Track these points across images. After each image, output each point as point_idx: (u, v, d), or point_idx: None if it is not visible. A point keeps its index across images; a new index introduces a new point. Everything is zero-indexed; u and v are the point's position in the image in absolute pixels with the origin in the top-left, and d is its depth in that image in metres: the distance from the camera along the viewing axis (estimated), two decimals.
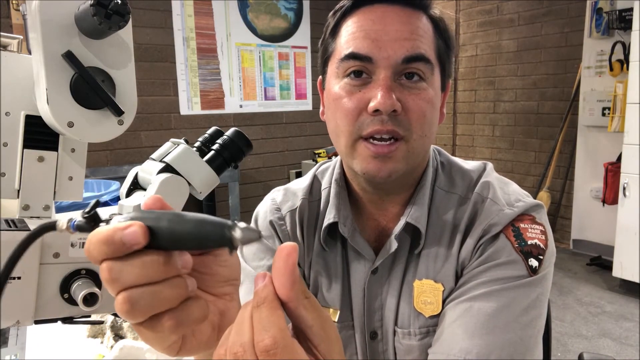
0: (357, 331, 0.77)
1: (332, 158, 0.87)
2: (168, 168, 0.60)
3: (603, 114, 3.77)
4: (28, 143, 0.56)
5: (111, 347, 0.99)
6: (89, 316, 0.53)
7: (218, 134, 0.67)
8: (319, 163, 0.89)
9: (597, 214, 3.93)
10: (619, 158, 3.35)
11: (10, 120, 0.56)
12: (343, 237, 0.77)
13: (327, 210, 0.78)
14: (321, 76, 0.77)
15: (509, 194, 0.73)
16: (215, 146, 0.65)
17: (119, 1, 0.45)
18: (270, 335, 0.31)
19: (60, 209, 1.88)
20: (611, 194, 3.46)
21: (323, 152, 4.46)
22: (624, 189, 3.16)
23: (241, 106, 4.15)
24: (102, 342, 1.04)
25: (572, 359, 2.54)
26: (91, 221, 0.36)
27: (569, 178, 4.21)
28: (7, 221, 0.49)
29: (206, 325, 0.41)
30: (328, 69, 0.73)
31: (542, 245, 0.68)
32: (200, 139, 0.66)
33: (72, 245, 0.50)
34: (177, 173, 0.60)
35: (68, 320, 0.51)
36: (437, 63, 0.70)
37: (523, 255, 0.66)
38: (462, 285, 0.68)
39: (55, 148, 0.58)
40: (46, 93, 0.48)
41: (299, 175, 4.34)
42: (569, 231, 4.23)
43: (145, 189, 0.62)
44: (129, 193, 0.63)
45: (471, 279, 0.67)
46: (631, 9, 3.38)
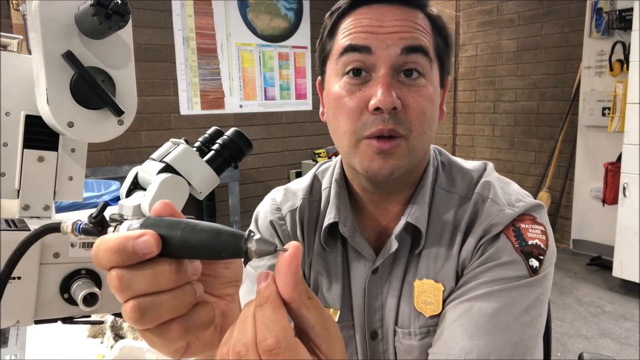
0: (358, 331, 0.77)
1: (332, 158, 0.87)
2: (168, 168, 0.60)
3: (603, 114, 3.77)
4: (28, 143, 0.56)
5: (111, 347, 0.98)
6: (89, 316, 0.52)
7: (218, 134, 0.67)
8: (319, 163, 0.89)
9: (597, 214, 3.93)
10: (619, 158, 3.35)
11: (10, 120, 0.56)
12: (343, 237, 0.77)
13: (328, 210, 0.78)
14: (320, 77, 0.77)
15: (510, 194, 0.73)
16: (215, 146, 0.65)
17: (119, 1, 0.45)
18: (273, 334, 0.31)
19: (60, 209, 1.88)
20: (611, 194, 3.46)
21: (323, 152, 4.46)
22: (624, 189, 3.16)
23: (241, 106, 4.14)
24: (102, 342, 1.04)
25: (572, 359, 2.54)
26: (99, 225, 0.35)
27: (569, 178, 4.21)
28: (7, 221, 0.49)
29: None
30: (327, 69, 0.74)
31: (543, 245, 0.68)
32: (200, 139, 0.66)
33: (72, 245, 0.50)
34: (177, 173, 0.60)
35: (68, 320, 0.51)
36: (436, 59, 0.70)
37: (524, 255, 0.66)
38: (463, 285, 0.68)
39: (55, 148, 0.58)
40: (46, 93, 0.48)
41: (299, 175, 4.34)
42: (569, 231, 4.23)
43: (145, 189, 0.62)
44: (129, 193, 0.63)
45: (472, 279, 0.67)
46: (631, 9, 3.38)
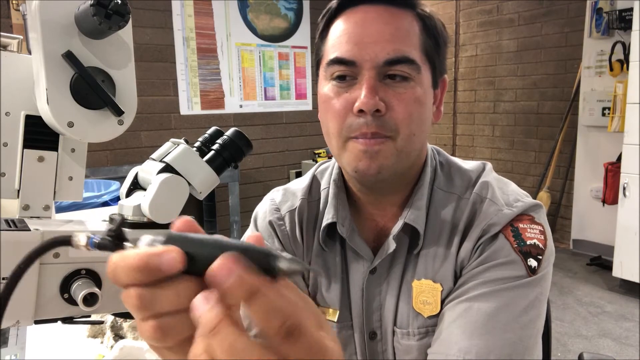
0: (356, 331, 0.77)
1: (332, 158, 0.87)
2: (168, 168, 0.60)
3: (603, 114, 3.78)
4: (28, 143, 0.56)
5: (111, 347, 0.99)
6: (89, 316, 0.52)
7: (218, 134, 0.67)
8: (319, 163, 0.89)
9: (597, 214, 3.93)
10: (619, 158, 3.35)
11: (10, 120, 0.56)
12: (342, 237, 0.77)
13: (326, 210, 0.78)
14: (317, 77, 0.78)
15: (508, 194, 0.73)
16: (215, 146, 0.65)
17: (119, 1, 0.45)
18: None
19: (60, 209, 1.88)
20: (611, 194, 3.46)
21: (323, 152, 4.46)
22: (624, 189, 3.16)
23: (241, 106, 4.14)
24: (102, 342, 1.04)
25: (572, 359, 2.54)
26: (117, 240, 0.33)
27: (569, 178, 4.21)
28: (7, 221, 0.49)
29: None
30: (320, 72, 0.75)
31: (541, 245, 0.68)
32: (200, 139, 0.66)
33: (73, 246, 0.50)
34: (177, 173, 0.60)
35: (68, 320, 0.51)
36: (425, 61, 0.70)
37: (522, 255, 0.66)
38: (461, 285, 0.68)
39: (55, 148, 0.58)
40: (46, 93, 0.48)
41: (299, 175, 4.34)
42: (569, 231, 4.23)
43: (145, 189, 0.62)
44: (129, 193, 0.63)
45: (470, 279, 0.67)
46: (631, 9, 3.38)
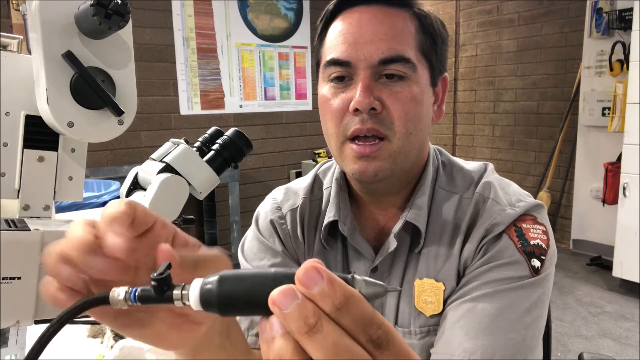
0: None
1: (332, 158, 0.87)
2: (168, 168, 0.60)
3: (603, 114, 3.77)
4: (28, 143, 0.56)
5: (111, 347, 0.98)
6: (89, 316, 0.52)
7: (218, 134, 0.67)
8: (321, 162, 0.89)
9: (597, 214, 3.93)
10: (619, 158, 3.35)
11: (10, 120, 0.56)
12: (344, 236, 0.77)
13: (328, 209, 0.78)
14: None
15: (510, 194, 0.73)
16: (215, 146, 0.65)
17: (119, 1, 0.45)
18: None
19: (60, 209, 1.88)
20: (611, 194, 3.46)
21: (323, 152, 4.46)
22: (624, 189, 3.16)
23: (241, 106, 4.14)
24: (102, 342, 1.04)
25: (572, 359, 2.54)
26: (163, 285, 0.29)
27: (569, 178, 4.21)
28: (7, 221, 0.49)
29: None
30: (319, 74, 0.75)
31: (544, 245, 0.68)
32: (200, 139, 0.66)
33: None
34: (177, 173, 0.60)
35: None
36: (422, 59, 0.70)
37: (526, 255, 0.66)
38: (465, 285, 0.68)
39: (55, 148, 0.58)
40: (46, 93, 0.48)
41: (299, 175, 4.34)
42: (569, 231, 4.23)
43: (145, 189, 0.62)
44: (129, 193, 0.63)
45: (474, 279, 0.67)
46: (631, 9, 3.38)
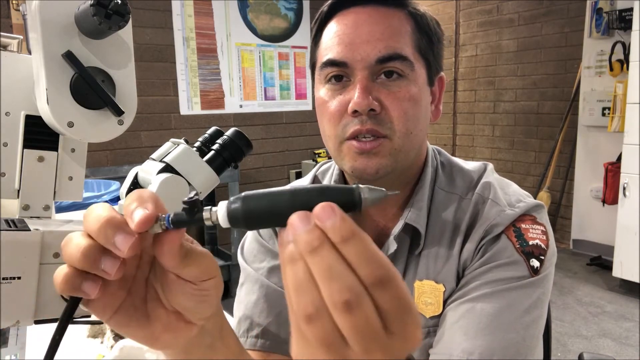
0: None
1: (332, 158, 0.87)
2: (168, 168, 0.60)
3: (603, 114, 3.78)
4: (28, 143, 0.56)
5: (111, 347, 0.98)
6: (89, 316, 0.52)
7: (218, 134, 0.67)
8: (320, 163, 0.89)
9: (597, 214, 3.93)
10: (619, 158, 3.35)
11: (10, 120, 0.56)
12: None
13: None
14: (312, 82, 0.78)
15: (510, 195, 0.73)
16: (215, 146, 0.65)
17: (119, 1, 0.45)
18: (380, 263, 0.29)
19: (60, 209, 1.88)
20: (611, 194, 3.46)
21: (323, 152, 4.45)
22: (624, 189, 3.16)
23: (241, 106, 4.14)
24: (102, 342, 1.04)
25: (572, 359, 2.54)
26: (193, 210, 0.33)
27: (569, 178, 4.21)
28: (7, 221, 0.49)
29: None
30: (315, 76, 0.75)
31: (544, 245, 0.68)
32: (200, 139, 0.66)
33: None
34: (177, 173, 0.60)
35: None
36: (419, 58, 0.70)
37: (525, 255, 0.66)
38: (464, 285, 0.68)
39: (55, 148, 0.58)
40: (46, 93, 0.48)
41: (299, 175, 4.34)
42: (569, 231, 4.23)
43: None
44: (129, 193, 0.63)
45: (473, 280, 0.67)
46: (631, 9, 3.38)
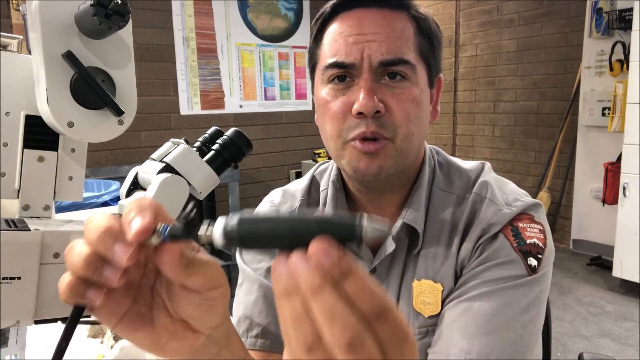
0: None
1: (332, 159, 0.87)
2: (168, 168, 0.60)
3: (603, 114, 3.77)
4: (28, 143, 0.56)
5: (111, 347, 0.99)
6: (89, 316, 0.52)
7: (218, 134, 0.67)
8: (318, 164, 0.89)
9: (597, 214, 3.93)
10: (619, 158, 3.35)
11: (10, 120, 0.56)
12: None
13: (325, 211, 0.78)
14: (311, 82, 0.78)
15: (507, 194, 0.73)
16: (215, 146, 0.65)
17: (119, 1, 0.45)
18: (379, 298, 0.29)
19: (60, 209, 1.88)
20: (611, 194, 3.46)
21: (323, 152, 4.46)
22: (624, 189, 3.16)
23: (241, 106, 4.14)
24: (102, 342, 1.04)
25: (572, 359, 2.54)
26: (190, 227, 0.33)
27: (569, 178, 4.21)
28: (7, 221, 0.49)
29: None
30: (315, 76, 0.75)
31: (541, 244, 0.68)
32: (200, 139, 0.66)
33: None
34: (177, 173, 0.60)
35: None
36: (421, 61, 0.70)
37: (522, 254, 0.66)
38: (462, 285, 0.68)
39: (55, 148, 0.58)
40: (46, 93, 0.48)
41: (299, 175, 4.34)
42: (569, 231, 4.23)
43: (145, 189, 0.62)
44: (129, 193, 0.63)
45: (471, 279, 0.67)
46: (631, 9, 3.38)
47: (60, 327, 0.35)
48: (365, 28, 0.68)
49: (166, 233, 0.33)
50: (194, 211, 0.33)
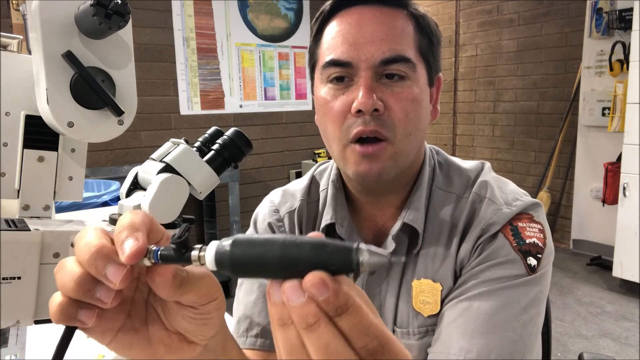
0: None
1: (332, 159, 0.87)
2: (168, 168, 0.60)
3: (603, 114, 3.78)
4: (28, 143, 0.56)
5: None
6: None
7: (218, 134, 0.67)
8: (318, 163, 0.89)
9: (597, 214, 3.93)
10: (619, 158, 3.35)
11: (10, 120, 0.56)
12: (341, 238, 0.77)
13: (325, 211, 0.78)
14: (311, 82, 0.78)
15: (507, 193, 0.73)
16: (215, 146, 0.65)
17: (119, 1, 0.45)
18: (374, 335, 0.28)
19: (60, 209, 1.88)
20: (611, 194, 3.46)
21: (323, 152, 4.45)
22: (624, 189, 3.16)
23: (241, 106, 4.14)
24: None
25: (572, 359, 2.54)
26: (182, 247, 0.32)
27: (569, 178, 4.21)
28: (7, 221, 0.49)
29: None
30: (315, 75, 0.74)
31: (541, 243, 0.68)
32: (200, 139, 0.66)
33: (72, 245, 0.50)
34: (177, 173, 0.60)
35: None
36: (420, 59, 0.70)
37: (522, 254, 0.66)
38: (461, 284, 0.68)
39: (55, 148, 0.58)
40: (46, 93, 0.48)
41: (299, 175, 4.34)
42: (569, 231, 4.23)
43: (145, 189, 0.62)
44: (129, 193, 0.63)
45: (470, 279, 0.67)
46: (631, 9, 3.38)
47: (60, 327, 0.35)
48: (364, 26, 0.67)
49: (158, 256, 0.32)
50: (186, 234, 0.32)
